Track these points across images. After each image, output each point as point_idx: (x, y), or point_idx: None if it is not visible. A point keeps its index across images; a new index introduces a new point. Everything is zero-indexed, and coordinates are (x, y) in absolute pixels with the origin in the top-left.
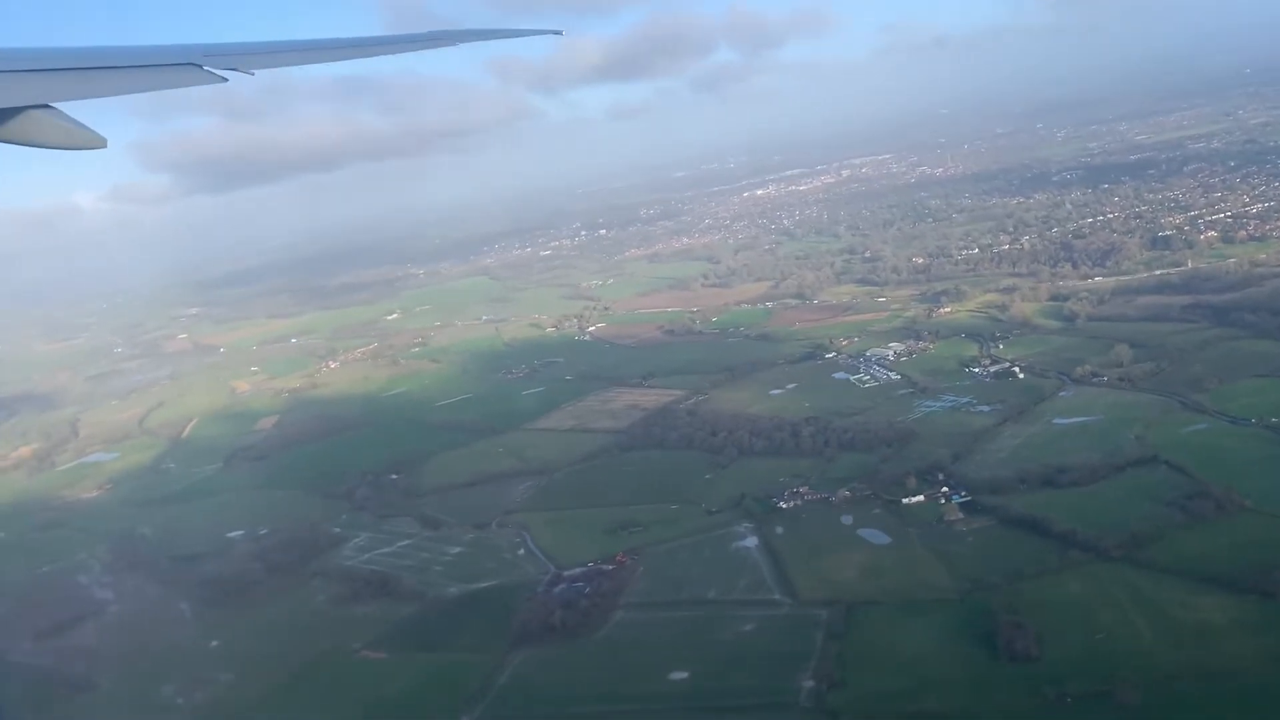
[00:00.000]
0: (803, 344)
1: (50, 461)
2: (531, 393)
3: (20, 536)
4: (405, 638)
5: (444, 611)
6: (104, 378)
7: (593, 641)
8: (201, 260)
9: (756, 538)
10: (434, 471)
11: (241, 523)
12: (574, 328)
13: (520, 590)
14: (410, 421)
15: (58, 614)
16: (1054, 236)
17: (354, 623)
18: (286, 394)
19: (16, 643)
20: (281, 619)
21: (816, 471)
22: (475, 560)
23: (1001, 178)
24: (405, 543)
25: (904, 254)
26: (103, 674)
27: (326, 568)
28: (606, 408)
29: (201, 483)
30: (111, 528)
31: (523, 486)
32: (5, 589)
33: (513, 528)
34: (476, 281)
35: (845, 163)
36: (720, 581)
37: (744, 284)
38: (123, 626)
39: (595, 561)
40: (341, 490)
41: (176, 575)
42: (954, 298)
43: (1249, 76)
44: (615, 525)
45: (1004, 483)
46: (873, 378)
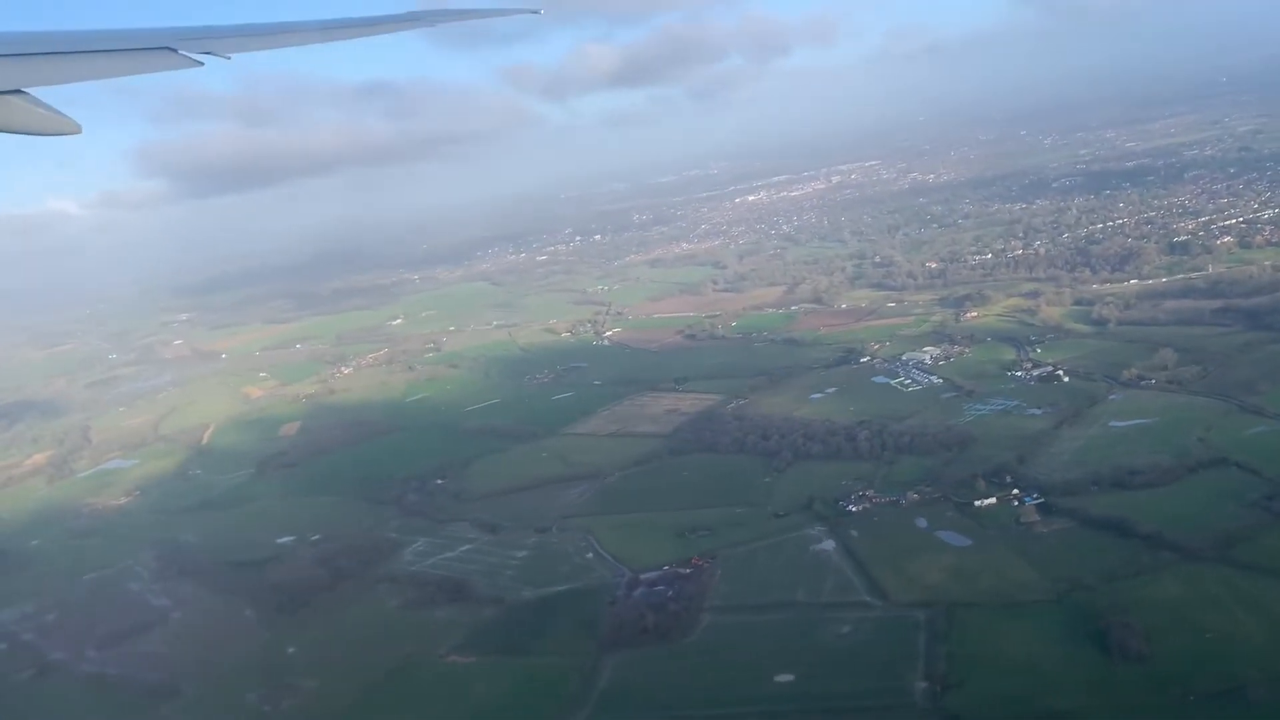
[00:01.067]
0: (833, 348)
1: (67, 469)
2: (561, 398)
3: (56, 544)
4: (490, 641)
5: (525, 615)
6: (104, 384)
7: (687, 644)
8: (185, 265)
9: (833, 541)
10: (479, 476)
11: (290, 529)
12: (590, 333)
13: (598, 594)
14: (441, 427)
15: (117, 622)
16: (1067, 242)
17: (433, 627)
18: (304, 400)
19: (80, 651)
20: (356, 624)
21: (878, 475)
22: (545, 564)
23: (999, 184)
24: (466, 547)
25: (917, 259)
26: (181, 681)
27: (392, 573)
28: (644, 412)
29: (235, 489)
30: (151, 535)
31: (576, 491)
32: (55, 597)
33: (575, 532)
34: (476, 287)
35: (833, 169)
36: (805, 584)
37: (756, 289)
38: (190, 633)
39: (670, 565)
40: (388, 496)
41: (235, 581)
42: (978, 302)
43: (1224, 85)
44: (682, 529)
45: (1076, 485)
46: (914, 381)
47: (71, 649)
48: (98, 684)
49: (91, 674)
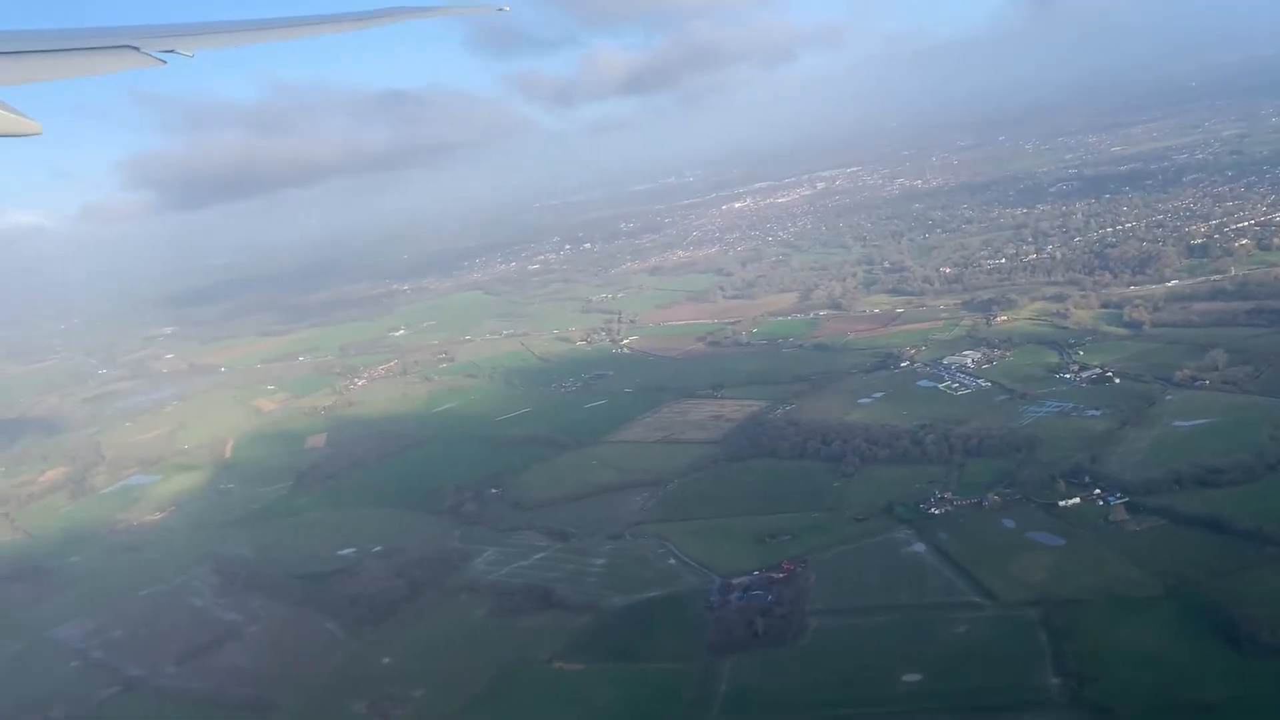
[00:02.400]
0: (867, 353)
1: (86, 485)
2: (594, 406)
3: (98, 560)
4: (594, 648)
5: (622, 621)
6: (101, 400)
7: (801, 647)
8: (162, 279)
9: (923, 543)
10: (533, 485)
11: (348, 541)
12: (606, 341)
13: (691, 599)
14: (477, 437)
15: (190, 637)
16: (1080, 245)
17: (528, 635)
18: (322, 412)
19: (159, 666)
20: (447, 634)
21: (951, 478)
22: (628, 571)
23: (994, 189)
24: (540, 555)
25: (929, 264)
26: (276, 694)
27: (470, 582)
28: (687, 419)
29: (277, 503)
30: (199, 549)
31: (639, 498)
32: (114, 613)
33: (650, 539)
34: (471, 296)
35: (814, 175)
36: (906, 586)
37: (767, 295)
38: (272, 646)
39: (760, 570)
40: (442, 506)
41: (306, 594)
42: (1004, 306)
43: (1195, 89)
44: (761, 534)
45: (1158, 484)
46: (961, 385)
47: (149, 665)
48: (188, 700)
49: (178, 689)
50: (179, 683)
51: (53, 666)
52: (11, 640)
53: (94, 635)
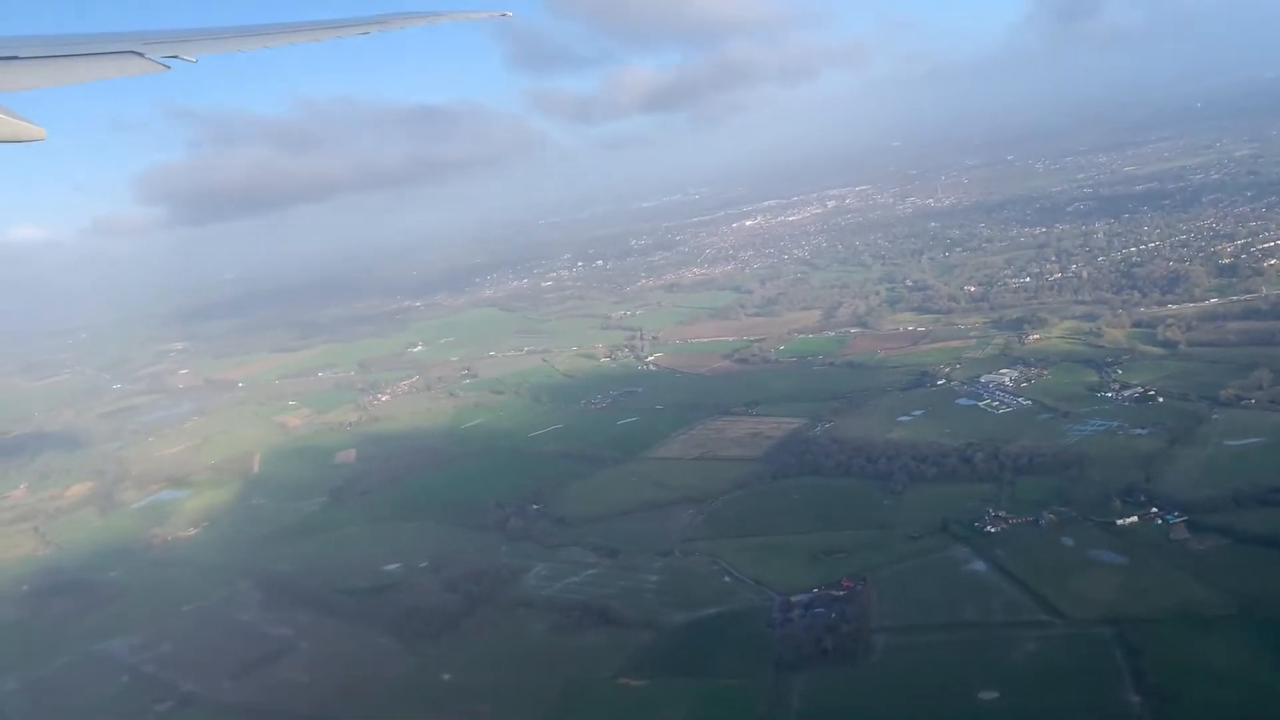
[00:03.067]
0: (900, 371)
1: (114, 500)
2: (626, 422)
3: (137, 575)
4: (658, 664)
5: (684, 638)
6: (119, 415)
7: (871, 664)
8: (169, 294)
9: (982, 561)
10: (575, 501)
11: (392, 555)
12: (630, 357)
13: (751, 616)
14: (510, 452)
15: (241, 651)
16: (1105, 265)
17: (590, 651)
18: (349, 428)
19: (214, 681)
20: (506, 650)
21: (1003, 496)
22: (683, 587)
23: (1009, 208)
24: (591, 572)
25: (953, 283)
26: (338, 710)
27: (524, 598)
28: (724, 436)
29: (312, 518)
30: (239, 564)
31: (686, 515)
32: (160, 628)
33: (701, 556)
34: (486, 313)
35: (823, 194)
36: (971, 604)
37: (789, 313)
38: (328, 662)
39: (819, 588)
40: (485, 521)
41: (357, 609)
42: (1035, 325)
43: (1201, 110)
44: (815, 552)
45: (1216, 502)
46: (1002, 404)
47: (203, 680)
48: (247, 715)
49: (237, 704)
50: (236, 698)
51: (103, 681)
52: (57, 654)
53: (142, 650)
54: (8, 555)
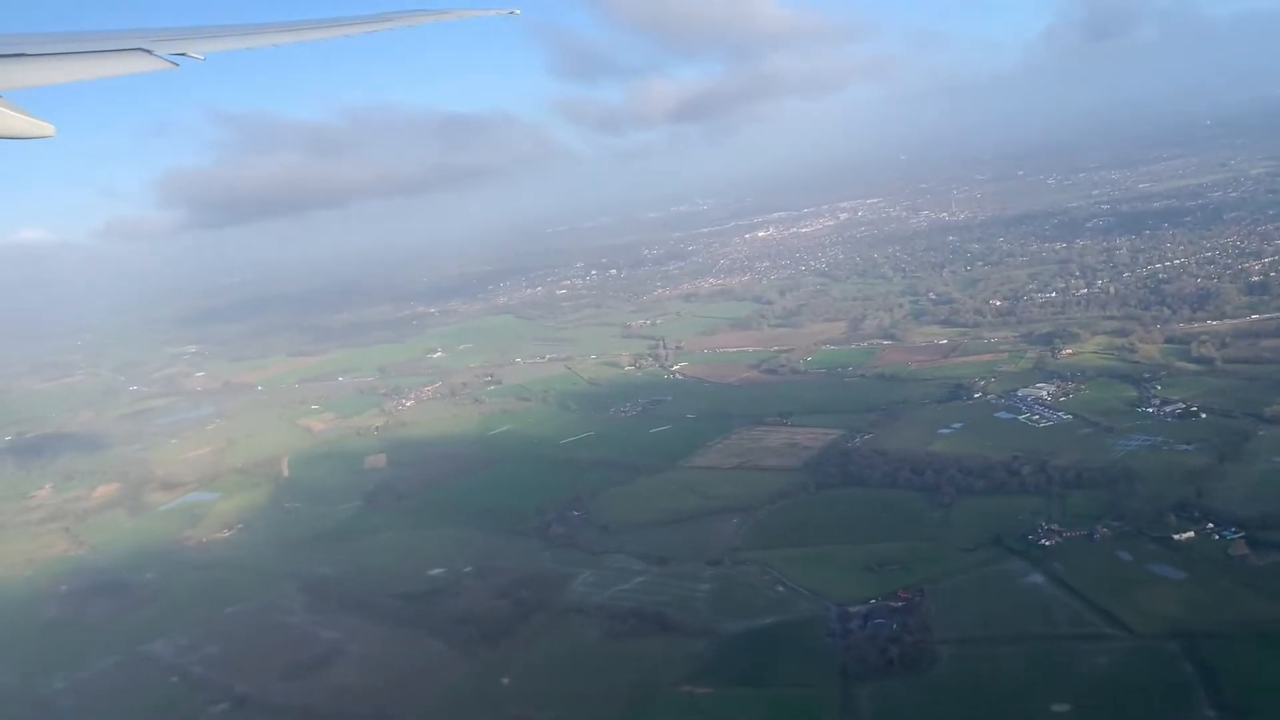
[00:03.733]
0: (933, 384)
1: (142, 502)
2: (658, 431)
3: (174, 577)
4: (720, 673)
5: (743, 646)
6: (138, 416)
7: (938, 675)
8: (173, 296)
9: (1040, 574)
10: (614, 508)
11: (434, 560)
12: (655, 366)
13: (809, 626)
14: (543, 459)
15: (291, 654)
16: (1131, 281)
17: (649, 658)
18: (375, 433)
19: (265, 683)
20: (564, 655)
21: (1053, 510)
22: (736, 596)
23: (1027, 223)
24: (640, 579)
25: (978, 297)
26: (398, 713)
27: (576, 604)
28: (761, 446)
29: (348, 522)
30: (277, 567)
31: (731, 524)
32: (204, 630)
33: (751, 565)
34: (502, 320)
35: (834, 206)
36: (1033, 617)
37: (814, 324)
38: (382, 665)
39: (876, 598)
40: (526, 528)
41: (405, 613)
42: (1067, 340)
43: (1209, 128)
44: (867, 563)
45: (1274, 519)
46: (1042, 417)
47: (254, 682)
48: (306, 717)
49: (293, 706)
50: (293, 700)
51: (152, 682)
52: (103, 655)
53: (188, 651)
54: (41, 555)
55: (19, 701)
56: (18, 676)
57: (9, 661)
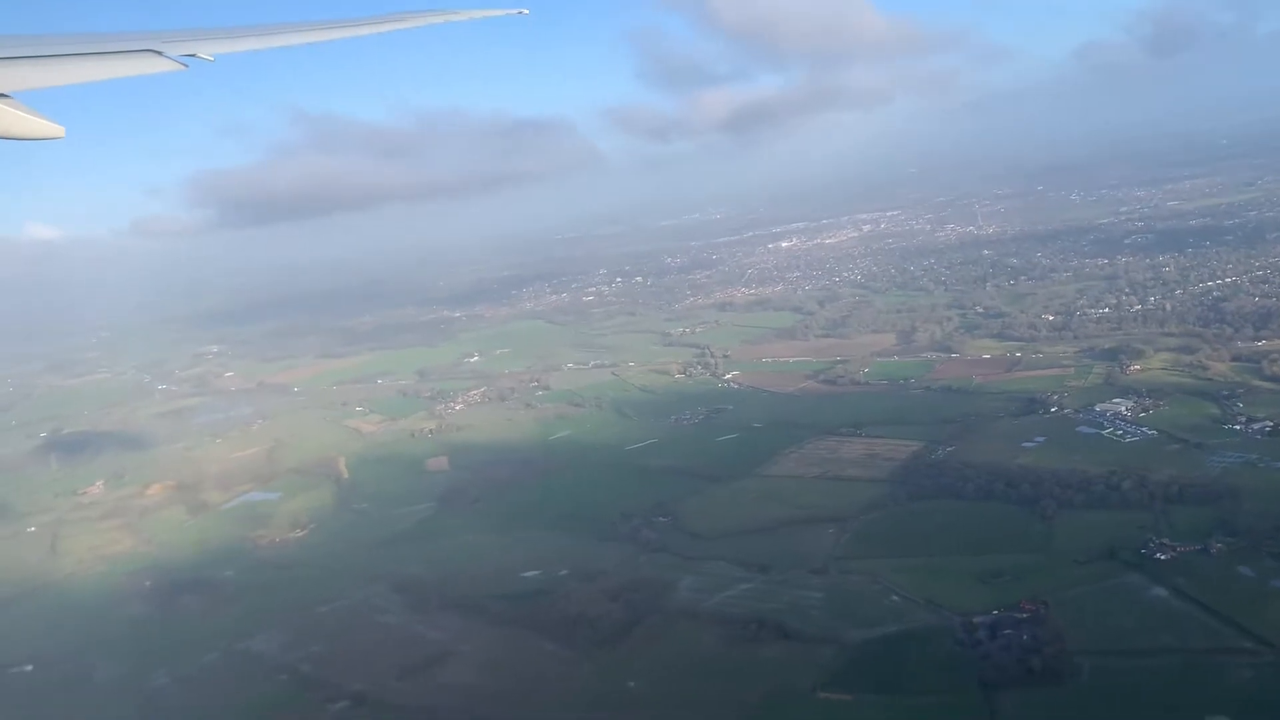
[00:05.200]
0: (1003, 398)
1: (200, 500)
2: (726, 439)
3: (255, 575)
4: (852, 680)
5: (872, 654)
6: (175, 416)
7: (1082, 686)
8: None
9: (1162, 588)
10: (700, 515)
11: (526, 563)
12: (706, 375)
13: (934, 635)
14: (611, 466)
15: (400, 654)
16: (1185, 299)
17: (775, 664)
18: (429, 435)
19: (382, 682)
20: (687, 660)
21: (1161, 525)
22: (850, 605)
23: (1062, 239)
24: (745, 586)
25: (1029, 311)
26: (527, 715)
27: (686, 609)
28: (839, 456)
29: (425, 524)
30: (362, 567)
31: (827, 533)
32: (301, 628)
33: (858, 575)
34: (533, 325)
35: (853, 218)
36: (1165, 630)
37: (861, 335)
38: (498, 666)
39: (999, 609)
40: (613, 532)
41: (512, 615)
42: (1132, 356)
43: (1227, 147)
44: (980, 574)
45: None
46: (1126, 433)
47: (369, 680)
48: (429, 716)
49: (414, 706)
50: (411, 699)
51: (260, 679)
52: (202, 652)
53: (291, 649)
54: (110, 551)
55: (128, 696)
56: (121, 672)
57: (109, 656)
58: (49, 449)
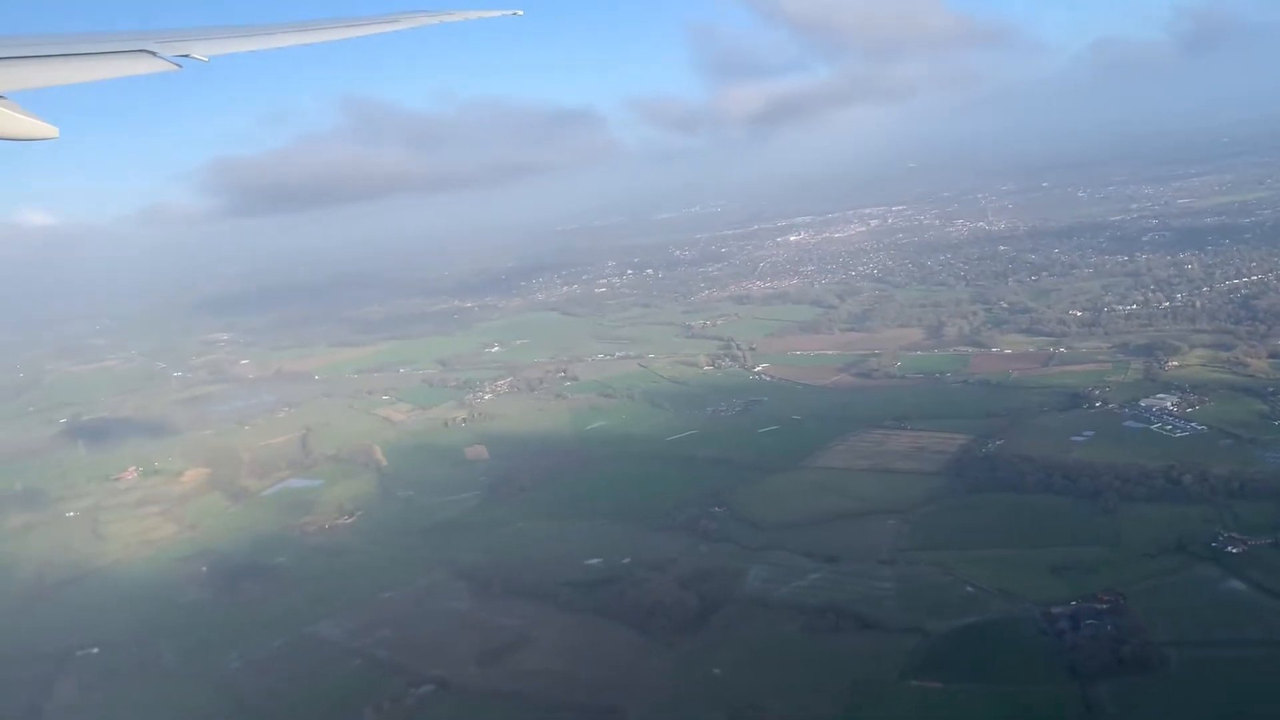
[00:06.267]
0: (1044, 392)
1: (239, 487)
2: (768, 431)
3: (309, 562)
4: (941, 668)
5: (956, 644)
6: (195, 403)
7: (1173, 676)
8: (190, 283)
9: (1239, 580)
10: (755, 506)
11: (586, 551)
12: (735, 367)
13: (1015, 625)
14: (654, 456)
15: (474, 640)
16: (1212, 295)
17: (859, 652)
18: (462, 424)
19: (461, 668)
20: (769, 648)
21: (1226, 518)
22: (925, 595)
23: (1078, 235)
24: (815, 576)
25: (1056, 307)
26: (614, 700)
27: (759, 598)
28: (886, 449)
29: (473, 512)
30: (419, 554)
31: (888, 524)
32: (370, 613)
33: (926, 565)
34: (548, 316)
35: (859, 212)
36: (1248, 622)
37: (887, 329)
38: (577, 652)
39: (1077, 601)
40: (670, 522)
41: (584, 602)
42: (1168, 352)
43: (1228, 145)
44: (1052, 566)
45: None
46: (1175, 428)
47: (448, 666)
48: (518, 701)
49: (503, 691)
50: (496, 684)
51: (334, 663)
52: (269, 637)
53: (360, 634)
54: (154, 537)
55: (202, 679)
56: (189, 655)
57: (173, 640)
58: (72, 435)
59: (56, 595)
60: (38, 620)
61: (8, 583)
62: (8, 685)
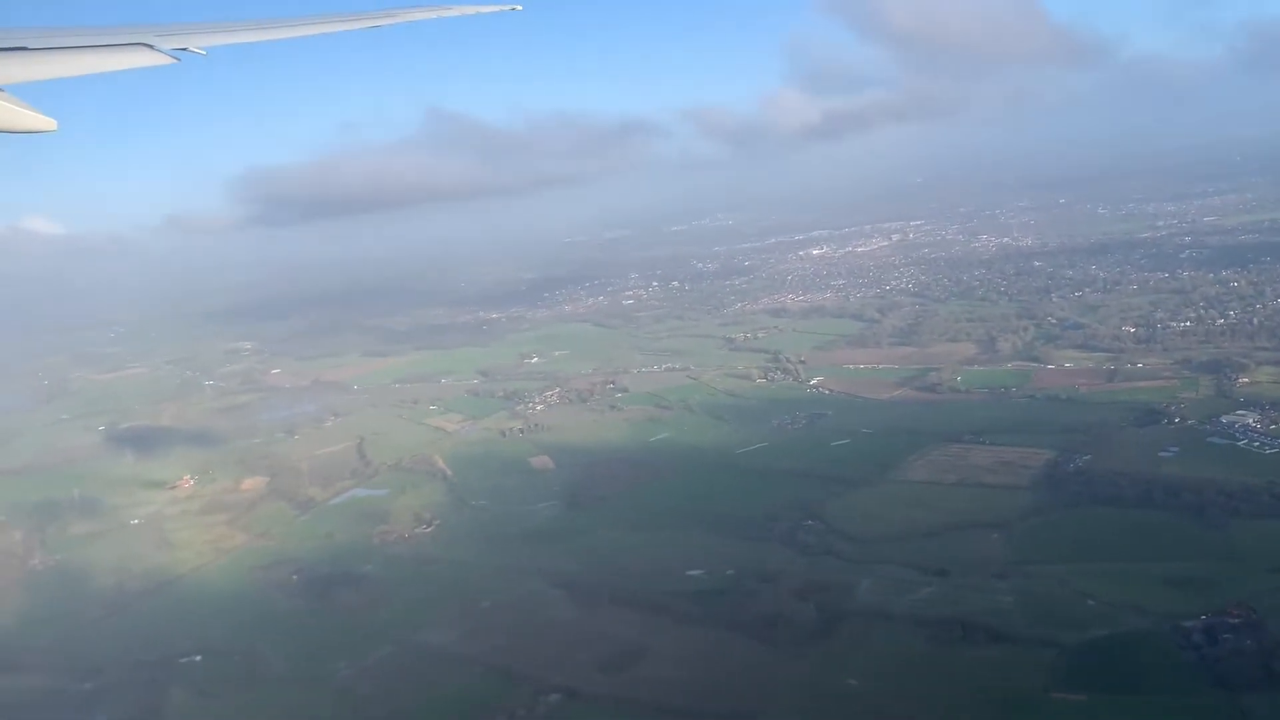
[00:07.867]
0: (1116, 408)
1: (302, 496)
2: (840, 444)
3: (397, 570)
4: (1084, 681)
5: (1093, 656)
6: (234, 412)
7: None
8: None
9: None
10: (849, 519)
11: (689, 563)
12: (788, 380)
13: (1149, 638)
14: (728, 469)
15: (590, 649)
16: (1267, 314)
17: (997, 666)
18: (519, 435)
19: (585, 676)
20: (901, 660)
21: None
22: (1052, 609)
23: (1111, 252)
24: (929, 589)
25: (1109, 323)
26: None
27: (880, 611)
28: (969, 463)
29: (554, 521)
30: (508, 563)
31: (991, 538)
32: (475, 621)
33: (1043, 579)
34: (581, 328)
35: (877, 226)
36: None
37: (937, 344)
38: (700, 661)
39: (1207, 614)
40: (765, 534)
41: (695, 612)
42: (1235, 369)
43: (1241, 163)
44: (1170, 580)
45: None
46: (1264, 445)
47: (569, 674)
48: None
49: (635, 699)
50: (626, 692)
51: (452, 671)
52: (374, 645)
53: (470, 642)
54: (226, 545)
55: (316, 686)
56: (296, 663)
57: (275, 648)
58: (116, 442)
59: (140, 604)
60: (128, 628)
61: (88, 591)
62: (119, 691)
